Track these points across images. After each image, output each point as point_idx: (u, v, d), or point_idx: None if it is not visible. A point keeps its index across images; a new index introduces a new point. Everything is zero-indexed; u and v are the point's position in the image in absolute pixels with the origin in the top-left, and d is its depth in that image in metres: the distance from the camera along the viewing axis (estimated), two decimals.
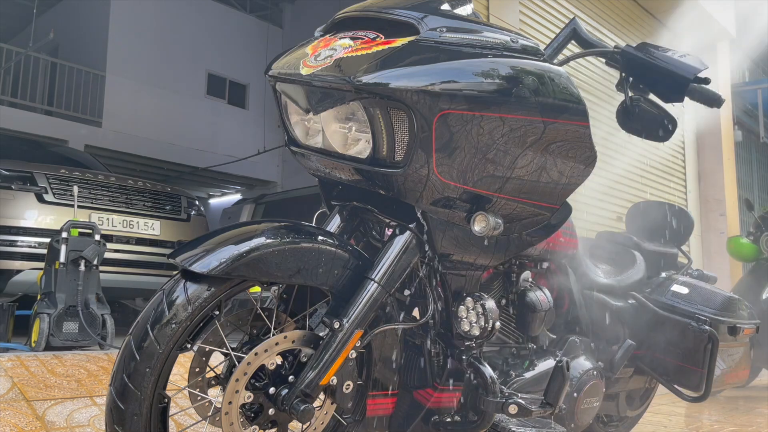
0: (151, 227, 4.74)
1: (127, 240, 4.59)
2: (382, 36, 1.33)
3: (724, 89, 7.40)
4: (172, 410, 1.27)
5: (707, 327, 2.13)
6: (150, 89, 11.12)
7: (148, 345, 1.19)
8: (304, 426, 1.33)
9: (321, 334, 1.33)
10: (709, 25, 6.89)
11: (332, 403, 1.36)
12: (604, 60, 1.72)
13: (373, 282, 1.35)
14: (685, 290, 2.27)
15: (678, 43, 7.08)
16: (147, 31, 11.20)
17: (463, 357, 1.46)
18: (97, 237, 3.48)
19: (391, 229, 1.47)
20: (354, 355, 1.33)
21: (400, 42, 1.29)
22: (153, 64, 11.24)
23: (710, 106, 1.62)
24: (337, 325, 1.29)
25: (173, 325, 1.20)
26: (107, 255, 3.68)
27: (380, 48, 1.29)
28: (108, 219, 4.50)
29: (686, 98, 1.61)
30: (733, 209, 7.22)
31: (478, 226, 1.38)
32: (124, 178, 4.92)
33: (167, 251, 4.64)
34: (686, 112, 7.01)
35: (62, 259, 3.32)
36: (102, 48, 10.85)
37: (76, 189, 4.13)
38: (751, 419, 3.35)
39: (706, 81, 1.61)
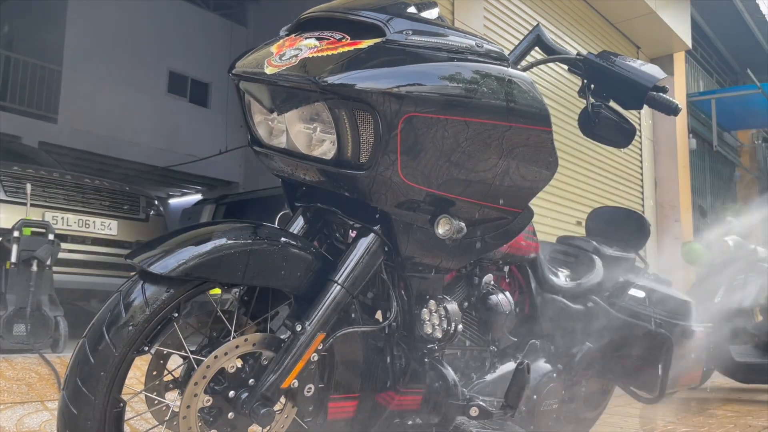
0: (108, 227, 4.63)
1: (82, 240, 4.47)
2: (348, 37, 1.32)
3: (680, 98, 7.62)
4: (127, 415, 1.24)
5: (662, 330, 2.18)
6: (109, 86, 10.85)
7: (104, 348, 1.15)
8: (264, 430, 1.32)
9: (282, 337, 1.32)
10: (667, 35, 7.08)
11: (293, 407, 1.35)
12: (566, 67, 1.75)
13: (336, 284, 1.34)
14: (641, 294, 2.32)
15: (637, 52, 7.26)
16: (106, 26, 10.94)
17: (426, 360, 1.46)
18: (51, 236, 3.39)
19: (355, 232, 1.46)
20: (316, 358, 1.32)
21: (366, 44, 1.29)
22: (112, 60, 10.97)
23: (668, 114, 1.67)
24: (299, 328, 1.28)
25: (130, 328, 1.17)
26: (61, 255, 3.58)
27: (346, 49, 1.28)
28: (63, 218, 4.37)
29: (645, 106, 1.65)
30: (688, 215, 7.43)
31: (441, 229, 1.39)
32: (80, 176, 4.79)
33: (124, 252, 4.54)
34: (644, 120, 7.18)
35: (13, 258, 3.22)
36: (59, 42, 10.56)
37: (29, 187, 4.00)
38: (704, 420, 3.45)
39: (664, 89, 1.65)
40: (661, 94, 1.63)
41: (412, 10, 1.40)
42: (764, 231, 4.82)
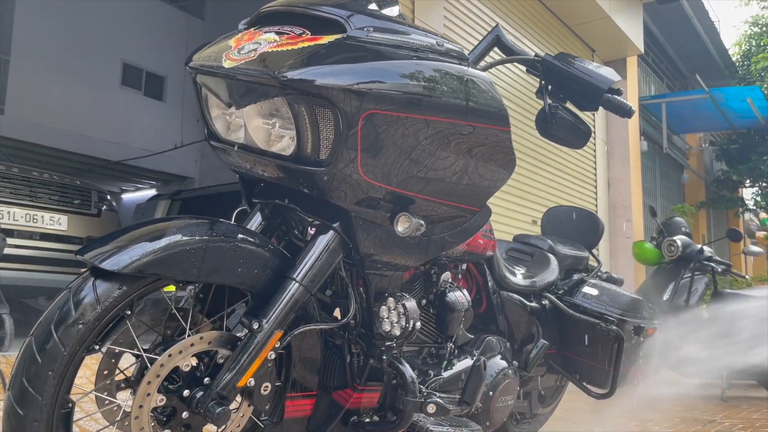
0: (57, 222, 4.49)
1: (30, 235, 4.32)
2: (308, 32, 1.31)
3: (633, 101, 7.82)
4: (77, 415, 1.20)
5: (614, 327, 2.23)
6: (59, 76, 10.50)
7: (52, 347, 1.12)
8: (220, 429, 1.30)
9: (239, 335, 1.30)
10: (621, 40, 7.26)
11: (249, 405, 1.33)
12: (525, 68, 1.77)
13: (294, 282, 1.32)
14: (594, 292, 2.37)
15: (592, 55, 7.42)
16: (57, 14, 10.59)
17: (384, 357, 1.46)
18: None
19: (313, 229, 1.45)
20: (273, 356, 1.31)
21: (326, 39, 1.28)
22: (63, 50, 10.63)
23: (621, 116, 1.71)
24: (256, 326, 1.26)
25: (80, 326, 1.13)
26: (7, 251, 3.46)
27: (306, 44, 1.27)
28: (9, 213, 4.22)
29: (600, 107, 1.68)
30: (638, 215, 7.64)
31: (401, 226, 1.39)
32: (27, 169, 4.63)
33: (74, 248, 4.39)
34: (598, 122, 7.35)
35: None
36: (6, 30, 10.17)
37: None
38: (652, 414, 3.55)
39: (619, 92, 1.68)
40: (616, 96, 1.67)
41: (373, 7, 1.39)
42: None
